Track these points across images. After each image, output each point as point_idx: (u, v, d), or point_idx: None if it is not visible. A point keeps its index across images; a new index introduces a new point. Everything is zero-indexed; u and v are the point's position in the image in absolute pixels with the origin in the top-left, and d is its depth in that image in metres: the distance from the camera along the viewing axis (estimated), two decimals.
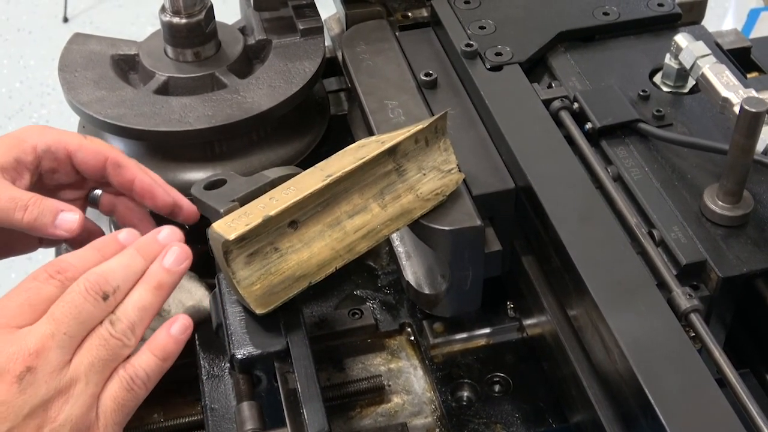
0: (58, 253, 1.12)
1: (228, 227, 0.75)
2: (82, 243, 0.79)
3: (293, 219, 0.77)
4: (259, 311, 0.77)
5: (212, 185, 0.84)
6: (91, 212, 1.20)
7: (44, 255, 1.17)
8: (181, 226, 1.07)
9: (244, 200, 0.80)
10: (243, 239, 0.75)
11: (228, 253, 0.75)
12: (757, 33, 2.11)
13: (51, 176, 0.89)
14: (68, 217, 0.83)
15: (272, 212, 0.75)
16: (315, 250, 0.79)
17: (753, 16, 2.14)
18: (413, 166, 0.83)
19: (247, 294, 0.76)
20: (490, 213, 0.86)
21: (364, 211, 0.81)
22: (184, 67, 1.03)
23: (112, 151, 0.88)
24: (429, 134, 0.84)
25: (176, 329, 0.75)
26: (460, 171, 0.85)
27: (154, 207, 0.89)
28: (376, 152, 0.80)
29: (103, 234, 0.90)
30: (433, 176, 0.83)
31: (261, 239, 0.76)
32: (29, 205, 0.82)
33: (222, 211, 0.80)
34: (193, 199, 0.85)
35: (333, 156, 0.83)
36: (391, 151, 0.81)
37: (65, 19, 3.36)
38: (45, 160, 0.87)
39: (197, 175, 0.99)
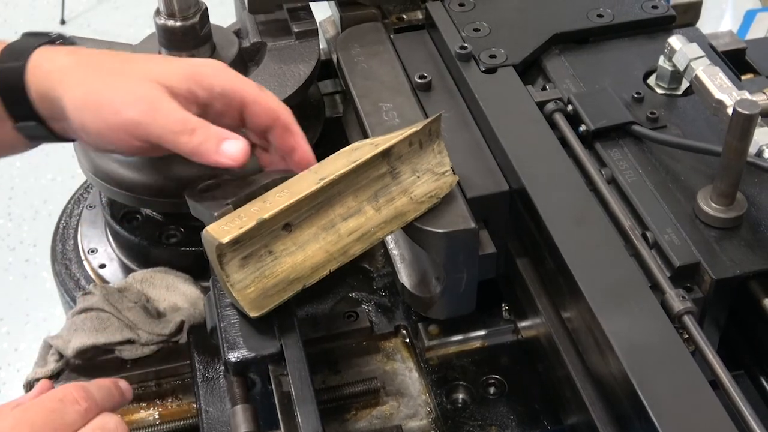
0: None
1: (221, 230, 0.75)
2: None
3: (287, 222, 0.77)
4: (253, 314, 0.77)
5: (206, 189, 0.84)
6: (88, 213, 1.20)
7: (43, 257, 1.17)
8: (175, 227, 1.08)
9: (238, 204, 0.80)
10: (237, 242, 0.75)
11: (222, 256, 0.75)
12: (753, 34, 2.11)
13: (215, 117, 0.84)
14: (233, 145, 0.79)
15: (266, 215, 0.75)
16: (309, 253, 0.79)
17: (749, 17, 2.14)
18: (407, 169, 0.83)
19: (241, 297, 0.76)
20: (485, 215, 0.87)
21: (358, 213, 0.81)
22: None
23: (285, 112, 0.84)
24: (423, 137, 0.84)
25: None
26: (454, 173, 0.85)
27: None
28: (369, 155, 0.80)
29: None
30: (427, 179, 0.84)
31: (255, 242, 0.76)
32: (197, 129, 0.79)
33: (216, 214, 0.79)
34: (187, 203, 0.85)
35: (327, 159, 0.83)
36: (385, 154, 0.81)
37: (62, 22, 3.36)
38: (217, 102, 0.83)
39: (190, 172, 0.98)
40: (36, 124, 0.84)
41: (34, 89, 0.82)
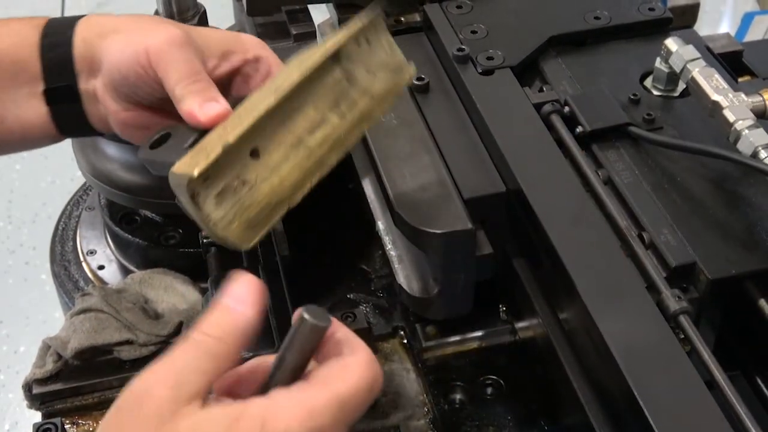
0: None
1: (188, 164, 0.69)
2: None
3: (254, 147, 0.72)
4: (245, 247, 0.72)
5: (158, 142, 0.78)
6: (87, 215, 1.21)
7: (43, 260, 1.18)
8: (174, 229, 1.08)
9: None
10: (207, 177, 0.69)
11: (196, 196, 0.69)
12: (751, 37, 2.11)
13: (241, 82, 0.84)
14: (215, 106, 0.77)
15: (230, 139, 0.70)
16: (284, 174, 0.74)
17: (747, 19, 2.14)
18: (361, 69, 0.79)
19: (229, 234, 0.71)
20: (482, 216, 0.87)
21: (324, 123, 0.76)
22: None
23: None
24: (370, 34, 0.80)
25: None
26: (408, 63, 0.83)
27: None
28: (319, 59, 0.76)
29: None
30: (383, 75, 0.81)
31: (226, 174, 0.70)
32: (201, 79, 0.78)
33: (177, 161, 0.72)
34: (144, 165, 0.78)
35: (279, 73, 0.80)
36: (336, 59, 0.77)
37: None
38: (249, 66, 0.83)
39: None
40: (68, 85, 0.83)
41: (80, 38, 0.82)
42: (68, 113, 0.85)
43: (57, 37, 0.83)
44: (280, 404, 0.57)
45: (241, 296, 0.61)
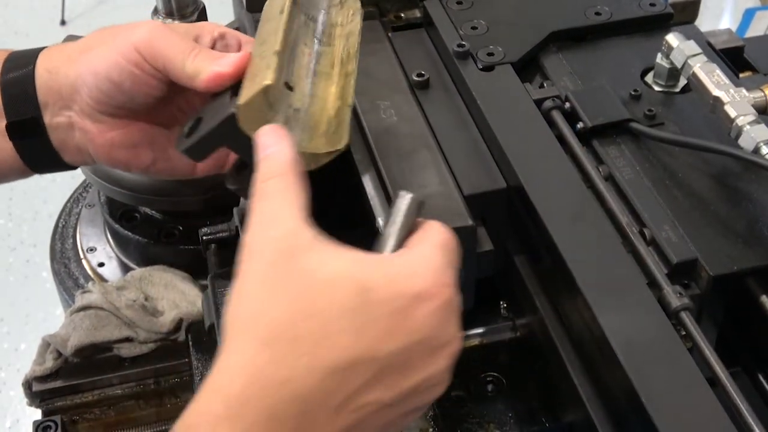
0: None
1: (252, 87, 0.71)
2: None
3: (285, 81, 0.74)
4: (342, 145, 0.74)
5: (192, 129, 0.76)
6: (87, 212, 1.20)
7: (43, 258, 1.18)
8: (173, 226, 1.08)
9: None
10: (271, 102, 0.70)
11: (273, 115, 0.70)
12: (752, 33, 2.11)
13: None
14: (231, 56, 0.77)
15: (277, 48, 0.73)
16: (322, 94, 0.77)
17: (748, 15, 2.14)
18: (316, 13, 0.84)
19: (315, 145, 0.73)
20: (482, 213, 0.86)
21: (321, 54, 0.81)
22: None
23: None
24: None
25: None
26: None
27: None
28: (287, 10, 0.79)
29: None
30: (335, 11, 0.86)
31: (281, 102, 0.72)
32: (201, 50, 0.78)
33: (233, 110, 0.71)
34: (188, 152, 0.76)
35: (259, 30, 0.81)
36: (295, 2, 0.81)
37: (63, 22, 3.37)
38: (217, 44, 0.83)
39: None
40: (32, 119, 0.80)
41: (43, 68, 0.80)
42: (35, 148, 0.82)
43: (18, 71, 0.80)
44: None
45: (268, 142, 0.66)
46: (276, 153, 0.65)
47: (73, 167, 0.86)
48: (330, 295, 0.58)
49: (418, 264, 0.61)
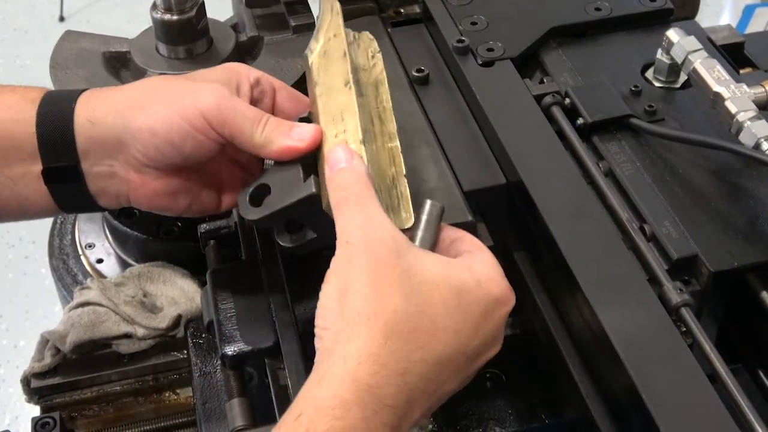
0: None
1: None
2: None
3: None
4: (409, 225, 0.73)
5: (257, 198, 0.77)
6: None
7: (42, 254, 1.17)
8: (172, 222, 1.08)
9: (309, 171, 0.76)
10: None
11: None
12: (752, 29, 2.11)
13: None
14: (304, 129, 0.77)
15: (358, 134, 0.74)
16: (375, 159, 0.76)
17: (748, 12, 2.14)
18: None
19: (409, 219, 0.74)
20: (482, 209, 0.86)
21: (362, 107, 0.79)
22: (176, 64, 1.03)
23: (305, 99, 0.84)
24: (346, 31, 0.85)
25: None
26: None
27: None
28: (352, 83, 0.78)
29: None
30: (353, 48, 0.86)
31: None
32: (269, 117, 0.78)
33: (314, 190, 0.73)
34: (257, 222, 0.76)
35: (319, 80, 0.81)
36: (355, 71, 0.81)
37: (61, 19, 3.36)
38: (254, 91, 0.83)
39: None
40: (69, 165, 0.79)
41: (84, 117, 0.78)
42: (71, 193, 0.81)
43: (55, 116, 0.78)
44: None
45: (340, 158, 0.71)
46: (352, 167, 0.70)
47: (104, 210, 0.86)
48: (435, 295, 0.65)
49: (491, 268, 0.69)
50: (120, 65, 1.06)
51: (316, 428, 0.58)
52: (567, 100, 0.93)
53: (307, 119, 0.80)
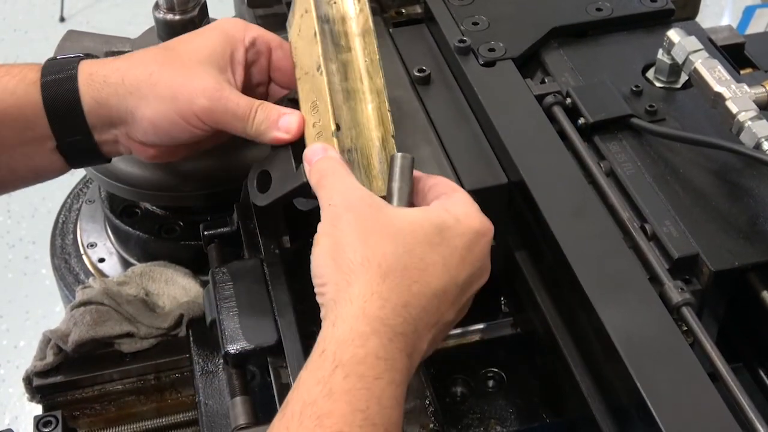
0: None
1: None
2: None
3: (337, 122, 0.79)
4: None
5: (263, 184, 0.84)
6: (87, 208, 1.20)
7: (42, 254, 1.18)
8: (174, 221, 1.08)
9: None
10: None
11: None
12: (752, 30, 2.11)
13: (246, 68, 0.88)
14: (290, 119, 0.82)
15: (332, 127, 0.78)
16: (363, 121, 0.81)
17: (748, 12, 2.14)
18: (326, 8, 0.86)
19: (379, 186, 0.79)
20: (484, 208, 0.86)
21: (346, 63, 0.83)
22: None
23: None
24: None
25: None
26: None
27: None
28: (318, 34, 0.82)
29: None
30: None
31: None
32: (258, 110, 0.83)
33: (305, 180, 0.78)
34: (263, 207, 0.84)
35: (297, 54, 0.84)
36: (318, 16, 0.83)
37: (62, 19, 3.36)
38: (249, 54, 0.87)
39: (189, 166, 0.99)
40: (82, 137, 0.85)
41: (90, 96, 0.83)
42: (82, 156, 0.88)
43: (62, 99, 0.83)
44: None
45: (317, 152, 0.77)
46: (327, 156, 0.77)
47: (108, 160, 0.91)
48: (419, 235, 0.70)
49: (468, 206, 0.74)
50: None
51: (342, 358, 0.64)
52: (568, 100, 0.94)
53: (295, 100, 0.84)
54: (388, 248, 0.68)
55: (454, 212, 0.73)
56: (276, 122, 0.82)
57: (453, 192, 0.76)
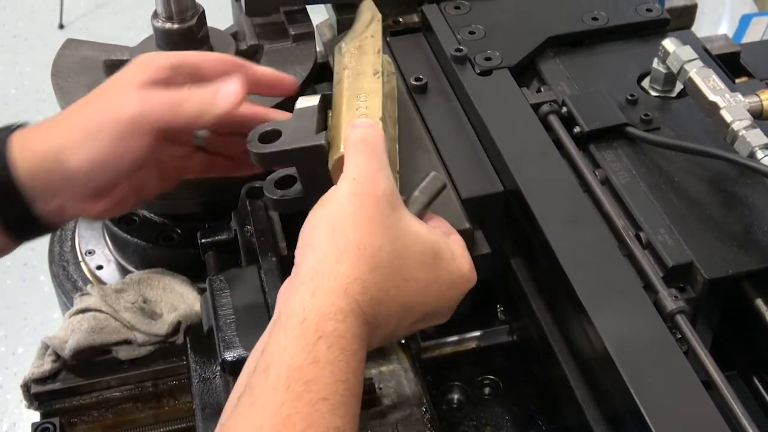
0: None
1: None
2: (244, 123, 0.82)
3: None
4: None
5: (268, 137, 0.79)
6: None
7: (41, 261, 1.18)
8: (172, 229, 1.08)
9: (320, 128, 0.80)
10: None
11: None
12: (749, 38, 2.12)
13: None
14: (229, 88, 0.81)
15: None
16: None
17: (745, 21, 2.15)
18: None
19: None
20: (480, 216, 0.87)
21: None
22: None
23: (231, 56, 0.87)
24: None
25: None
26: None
27: (281, 90, 0.90)
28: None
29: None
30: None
31: None
32: (189, 95, 0.81)
33: (323, 142, 0.77)
34: (262, 156, 0.79)
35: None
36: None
37: (61, 26, 3.37)
38: (177, 77, 0.83)
39: None
40: (24, 212, 0.81)
41: (23, 167, 0.80)
42: (26, 230, 0.84)
43: None
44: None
45: (364, 122, 0.78)
46: (375, 127, 0.77)
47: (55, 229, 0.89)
48: (416, 250, 0.71)
49: (464, 249, 0.76)
50: None
51: (325, 329, 0.65)
52: (564, 109, 0.94)
53: (328, 98, 0.84)
54: (386, 246, 0.69)
55: (452, 248, 0.74)
56: (215, 94, 0.80)
57: (452, 233, 0.77)
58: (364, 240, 0.69)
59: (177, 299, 1.00)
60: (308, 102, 0.83)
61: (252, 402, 0.63)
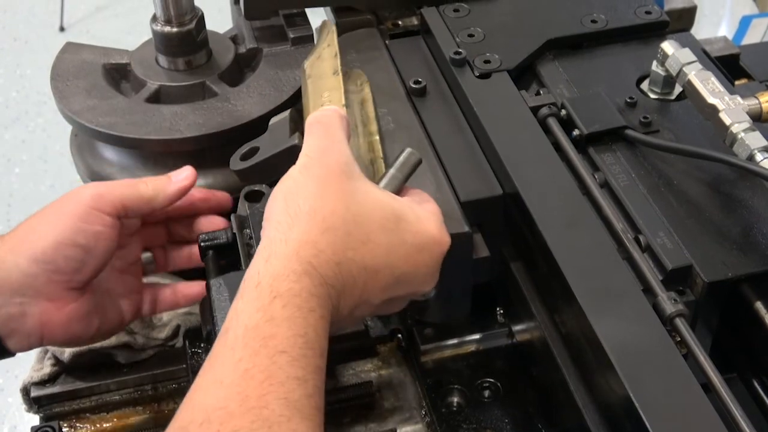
0: None
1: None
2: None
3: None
4: None
5: (248, 154, 0.86)
6: None
7: None
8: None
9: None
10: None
11: None
12: (749, 40, 2.12)
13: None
14: (182, 173, 0.89)
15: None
16: (355, 148, 0.85)
17: (745, 23, 2.15)
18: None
19: None
20: (479, 219, 0.87)
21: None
22: (176, 76, 1.04)
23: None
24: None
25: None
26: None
27: (216, 206, 0.95)
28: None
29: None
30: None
31: None
32: (145, 179, 0.87)
33: (297, 142, 0.82)
34: (245, 172, 0.86)
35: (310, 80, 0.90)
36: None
37: (62, 29, 3.37)
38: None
39: None
40: None
41: None
42: None
43: None
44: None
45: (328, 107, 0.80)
46: (336, 108, 0.79)
47: (12, 355, 0.87)
48: (374, 213, 0.72)
49: (433, 214, 0.77)
50: (120, 77, 1.07)
51: (279, 289, 0.66)
52: (563, 112, 0.94)
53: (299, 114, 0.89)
54: (339, 209, 0.71)
55: (417, 212, 0.75)
56: (169, 180, 0.87)
57: (425, 201, 0.78)
58: (314, 205, 0.70)
59: None
60: (280, 116, 0.89)
61: (212, 363, 0.65)
